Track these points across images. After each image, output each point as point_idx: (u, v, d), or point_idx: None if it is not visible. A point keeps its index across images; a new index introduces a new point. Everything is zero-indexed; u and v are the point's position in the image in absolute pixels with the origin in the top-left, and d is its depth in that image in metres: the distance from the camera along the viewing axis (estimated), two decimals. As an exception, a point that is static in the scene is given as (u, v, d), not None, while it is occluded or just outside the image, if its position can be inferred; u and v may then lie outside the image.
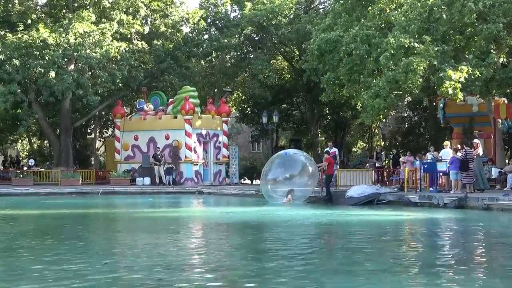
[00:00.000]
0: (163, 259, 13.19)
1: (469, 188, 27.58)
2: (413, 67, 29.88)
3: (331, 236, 18.42)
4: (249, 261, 13.09)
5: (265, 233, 19.10)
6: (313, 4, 50.59)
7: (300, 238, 17.94)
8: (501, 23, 30.87)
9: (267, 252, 14.97)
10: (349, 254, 15.14)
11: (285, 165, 30.37)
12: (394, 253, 15.12)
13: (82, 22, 39.21)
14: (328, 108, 49.13)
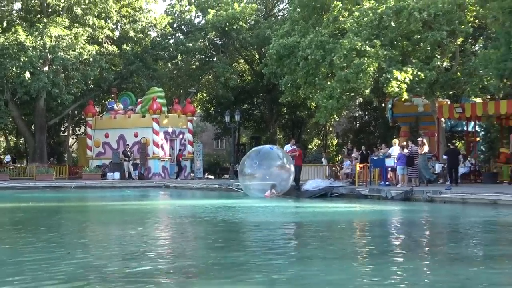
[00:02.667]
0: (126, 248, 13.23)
1: (415, 182, 28.10)
2: (364, 67, 30.24)
3: (287, 226, 18.55)
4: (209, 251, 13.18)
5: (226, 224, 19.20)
6: (273, 11, 50.81)
7: (258, 229, 18.08)
8: (445, 31, 31.37)
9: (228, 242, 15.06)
10: (304, 243, 15.32)
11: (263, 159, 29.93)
12: (346, 241, 15.35)
13: (57, 26, 39.18)
14: (286, 108, 49.41)
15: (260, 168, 29.57)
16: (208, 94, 52.15)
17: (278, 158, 30.27)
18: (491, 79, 31.00)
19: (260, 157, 29.86)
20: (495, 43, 29.93)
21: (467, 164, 33.13)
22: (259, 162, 29.51)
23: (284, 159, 30.05)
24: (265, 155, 30.12)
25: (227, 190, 33.88)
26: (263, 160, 29.65)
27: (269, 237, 15.56)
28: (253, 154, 30.59)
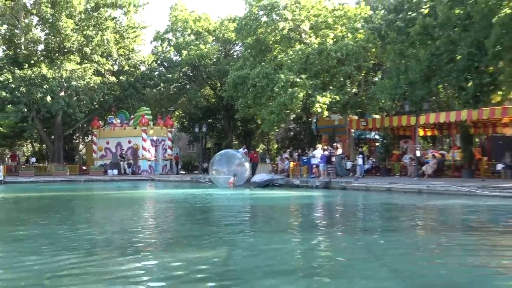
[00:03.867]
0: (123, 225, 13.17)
1: (332, 175, 28.42)
2: (296, 95, 30.61)
3: (241, 208, 18.61)
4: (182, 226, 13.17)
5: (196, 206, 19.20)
6: (230, 52, 50.77)
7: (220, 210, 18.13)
8: (353, 66, 31.89)
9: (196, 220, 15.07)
10: (254, 220, 15.38)
11: (229, 159, 30.74)
12: (283, 219, 15.45)
13: (71, 62, 39.11)
14: (239, 122, 49.48)
15: (227, 164, 30.28)
16: (182, 112, 51.91)
17: (238, 158, 30.96)
18: (386, 101, 31.54)
19: (228, 158, 30.93)
20: (389, 76, 30.48)
21: (369, 162, 33.67)
22: (227, 161, 30.52)
23: (242, 159, 30.98)
24: (230, 156, 31.32)
25: (196, 182, 33.98)
26: (229, 160, 30.62)
27: (228, 216, 15.62)
28: (221, 157, 31.32)
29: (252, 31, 39.55)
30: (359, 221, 14.20)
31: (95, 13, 41.83)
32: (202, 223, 13.71)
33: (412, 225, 13.13)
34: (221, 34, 48.65)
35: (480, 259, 8.34)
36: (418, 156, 28.97)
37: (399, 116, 31.90)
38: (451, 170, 29.64)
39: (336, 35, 36.78)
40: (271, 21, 38.53)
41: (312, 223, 13.67)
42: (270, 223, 13.75)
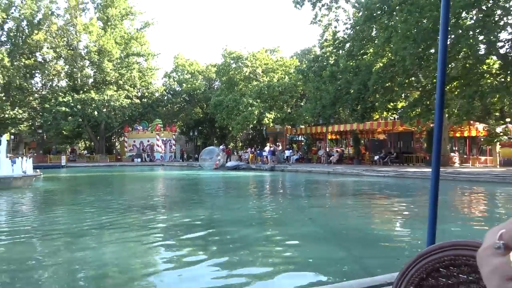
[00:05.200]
0: (142, 194, 12.95)
1: (275, 163, 28.39)
2: (253, 112, 30.57)
3: (220, 182, 18.53)
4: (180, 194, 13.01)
5: (190, 181, 19.02)
6: (212, 85, 50.33)
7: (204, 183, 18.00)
8: (288, 95, 32.05)
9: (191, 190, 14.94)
10: (228, 190, 15.32)
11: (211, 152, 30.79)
12: (247, 188, 15.46)
13: (110, 90, 38.13)
14: (218, 129, 48.98)
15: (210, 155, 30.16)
16: (182, 122, 51.17)
17: (218, 152, 30.88)
18: (308, 117, 31.93)
19: (210, 151, 30.88)
20: (309, 101, 30.89)
21: (298, 154, 33.94)
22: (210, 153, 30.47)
23: (220, 152, 30.96)
24: (212, 150, 31.16)
25: (191, 167, 33.42)
26: (211, 152, 30.54)
27: (209, 187, 15.54)
28: (206, 150, 31.38)
29: (226, 73, 39.48)
30: (292, 190, 14.34)
31: (126, 59, 41.00)
32: (193, 191, 13.64)
33: (324, 193, 13.36)
34: (207, 74, 48.26)
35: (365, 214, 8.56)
36: (327, 150, 29.45)
37: (316, 126, 32.33)
38: (347, 159, 30.23)
39: (278, 76, 37.07)
40: (238, 66, 38.56)
41: (262, 191, 13.74)
42: (237, 191, 13.77)
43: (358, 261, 4.57)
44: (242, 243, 5.44)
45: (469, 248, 0.84)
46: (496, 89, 20.26)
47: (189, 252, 5.05)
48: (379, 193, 12.67)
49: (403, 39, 19.45)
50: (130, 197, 11.58)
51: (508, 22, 18.95)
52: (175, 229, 6.57)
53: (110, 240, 5.77)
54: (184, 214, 8.09)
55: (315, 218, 7.69)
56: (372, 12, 23.36)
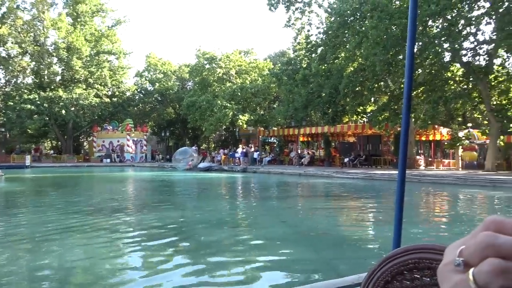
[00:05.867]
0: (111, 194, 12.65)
1: (247, 164, 28.38)
2: (227, 114, 30.49)
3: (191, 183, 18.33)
4: (149, 196, 12.80)
5: (161, 182, 18.72)
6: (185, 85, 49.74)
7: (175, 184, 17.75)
8: (261, 97, 32.16)
9: (160, 192, 14.71)
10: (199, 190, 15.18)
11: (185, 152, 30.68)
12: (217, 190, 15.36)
13: (79, 88, 36.93)
14: (190, 130, 48.46)
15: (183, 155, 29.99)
16: (154, 122, 50.30)
17: (191, 152, 30.66)
18: (281, 120, 32.14)
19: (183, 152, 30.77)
20: (282, 104, 31.10)
21: (270, 156, 34.05)
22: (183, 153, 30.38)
23: (194, 153, 30.81)
24: (185, 151, 31.05)
25: (162, 168, 32.85)
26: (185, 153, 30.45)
27: (180, 189, 15.35)
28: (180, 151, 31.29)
29: (199, 73, 39.16)
30: (263, 191, 14.36)
31: (96, 57, 39.89)
32: (164, 193, 13.40)
33: (296, 194, 13.47)
34: (180, 74, 47.67)
35: (335, 216, 8.68)
36: (299, 152, 29.75)
37: (288, 128, 32.57)
38: (318, 161, 30.58)
39: (251, 78, 37.16)
40: (212, 67, 38.36)
41: (234, 193, 13.70)
42: (208, 193, 13.65)
43: (328, 262, 4.63)
44: (213, 246, 5.38)
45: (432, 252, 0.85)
46: (459, 95, 21.15)
47: (159, 255, 4.95)
48: (348, 195, 12.90)
49: (374, 45, 19.96)
50: (98, 199, 11.24)
51: (471, 32, 19.84)
52: (144, 232, 6.42)
53: (75, 244, 5.56)
54: (154, 216, 7.93)
55: (287, 220, 7.73)
56: (345, 18, 23.83)
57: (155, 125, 50.49)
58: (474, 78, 20.44)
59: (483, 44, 20.12)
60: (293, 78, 28.15)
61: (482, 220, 0.29)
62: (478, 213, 9.23)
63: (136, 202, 10.61)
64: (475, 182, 15.52)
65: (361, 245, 5.56)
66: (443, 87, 21.38)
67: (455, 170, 24.41)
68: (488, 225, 0.32)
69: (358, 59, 23.76)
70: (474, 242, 0.30)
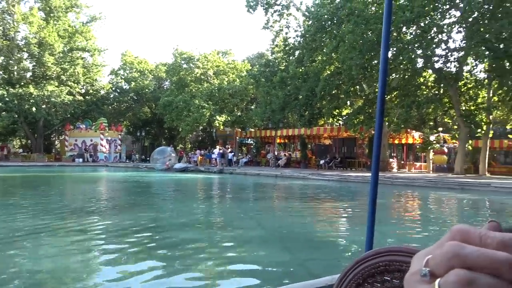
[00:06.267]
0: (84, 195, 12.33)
1: (224, 165, 28.29)
2: (204, 114, 30.31)
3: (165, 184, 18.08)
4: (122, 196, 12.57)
5: (135, 183, 18.38)
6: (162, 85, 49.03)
7: (150, 186, 17.49)
8: (239, 98, 32.14)
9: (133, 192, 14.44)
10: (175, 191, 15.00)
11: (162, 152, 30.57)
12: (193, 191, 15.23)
13: (51, 85, 35.74)
14: (167, 130, 47.81)
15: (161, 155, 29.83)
16: (129, 122, 49.33)
17: (169, 152, 30.44)
18: (258, 121, 32.22)
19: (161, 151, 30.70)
20: (260, 105, 31.18)
21: (247, 157, 34.09)
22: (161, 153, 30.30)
23: (171, 153, 30.58)
24: (163, 150, 31.00)
25: (137, 168, 32.27)
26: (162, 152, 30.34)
27: (156, 190, 15.12)
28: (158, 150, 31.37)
29: (176, 73, 38.77)
30: (239, 193, 14.33)
31: (69, 53, 38.79)
32: (138, 194, 13.15)
33: (271, 196, 13.50)
34: (157, 73, 46.99)
35: (310, 217, 8.75)
36: (275, 154, 29.90)
37: (265, 130, 32.69)
38: (295, 163, 30.83)
39: (229, 79, 37.08)
40: (189, 67, 38.08)
41: (210, 194, 13.61)
42: (184, 194, 13.50)
43: (302, 263, 4.65)
44: (187, 247, 5.32)
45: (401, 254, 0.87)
46: (430, 101, 21.81)
47: (131, 257, 4.84)
48: (323, 197, 13.06)
49: (350, 49, 20.32)
50: (68, 200, 10.91)
51: (442, 39, 20.52)
52: (116, 234, 6.27)
53: (43, 247, 5.37)
54: (127, 218, 7.76)
55: (262, 221, 7.73)
56: (322, 22, 24.15)
57: (130, 125, 49.57)
58: (445, 84, 21.14)
59: (453, 51, 20.85)
60: (271, 80, 28.28)
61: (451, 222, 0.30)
62: (447, 215, 9.53)
63: (109, 203, 10.36)
64: (445, 185, 16.03)
65: (335, 246, 5.63)
66: (415, 92, 22.00)
67: (426, 173, 25.14)
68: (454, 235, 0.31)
69: (335, 62, 24.12)
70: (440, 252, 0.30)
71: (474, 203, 11.69)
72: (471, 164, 25.10)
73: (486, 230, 0.31)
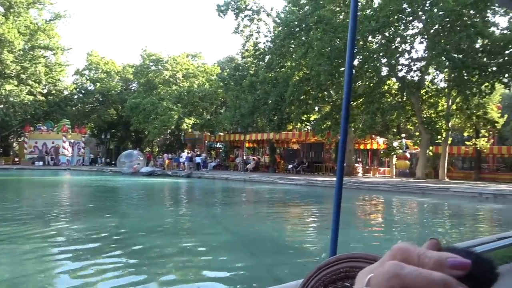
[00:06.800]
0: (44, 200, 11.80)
1: (192, 170, 27.94)
2: (172, 117, 29.91)
3: (131, 189, 17.61)
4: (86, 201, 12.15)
5: (98, 187, 17.78)
6: (129, 86, 47.88)
7: (115, 190, 17.01)
8: (208, 102, 31.93)
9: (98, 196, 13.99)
10: (138, 197, 14.64)
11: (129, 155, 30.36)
12: (160, 196, 14.90)
13: (9, 84, 34.02)
14: (133, 132, 46.69)
15: (128, 158, 29.54)
16: (93, 124, 47.75)
17: (136, 156, 30.16)
18: (227, 125, 32.11)
19: (128, 154, 30.46)
20: (229, 109, 31.10)
21: (216, 161, 33.82)
22: (128, 156, 30.09)
23: (139, 156, 30.42)
24: (130, 154, 30.72)
25: (101, 172, 31.23)
26: (130, 156, 30.10)
27: (121, 194, 14.72)
28: (125, 153, 31.03)
29: (144, 75, 38.11)
30: (207, 197, 14.20)
31: (31, 51, 37.15)
32: (101, 199, 12.73)
33: (239, 200, 13.47)
34: (124, 75, 45.85)
35: (277, 222, 8.77)
36: (244, 158, 29.91)
37: (234, 134, 32.61)
38: (263, 167, 30.89)
39: (199, 82, 36.83)
40: (158, 69, 37.52)
41: (177, 199, 13.41)
42: (150, 199, 13.22)
43: (268, 268, 4.66)
44: (153, 254, 5.19)
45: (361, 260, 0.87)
46: (394, 108, 22.59)
47: (94, 265, 4.66)
48: (291, 201, 13.18)
49: (318, 56, 20.72)
50: (27, 206, 10.39)
51: (406, 49, 21.35)
52: (78, 241, 6.03)
53: (1, 254, 5.07)
54: (90, 224, 7.49)
55: (229, 227, 7.68)
56: (291, 29, 24.50)
57: (94, 127, 48.07)
58: (408, 92, 21.98)
59: (416, 61, 21.74)
60: (241, 84, 28.32)
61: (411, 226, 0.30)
62: (409, 219, 9.87)
63: (71, 209, 9.96)
64: (407, 189, 16.61)
65: (301, 251, 5.68)
66: (380, 99, 22.72)
67: (390, 177, 25.95)
68: (395, 253, 0.32)
69: (304, 68, 24.50)
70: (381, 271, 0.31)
71: (433, 207, 12.17)
72: (431, 169, 26.16)
73: (425, 249, 0.32)
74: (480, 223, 9.12)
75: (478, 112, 22.83)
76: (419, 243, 0.26)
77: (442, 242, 0.31)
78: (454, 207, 12.24)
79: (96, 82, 43.94)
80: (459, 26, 18.54)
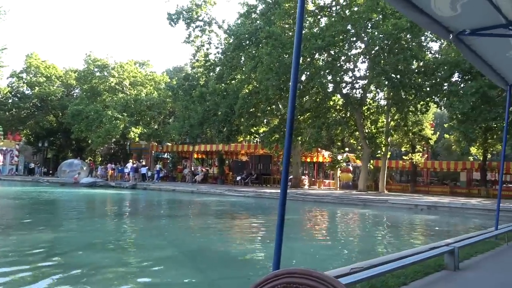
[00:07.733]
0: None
1: (137, 181, 27.00)
2: (117, 125, 28.89)
3: (70, 201, 16.60)
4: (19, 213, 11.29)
5: (34, 199, 16.55)
6: (71, 92, 45.40)
7: (51, 201, 15.96)
8: (156, 111, 31.20)
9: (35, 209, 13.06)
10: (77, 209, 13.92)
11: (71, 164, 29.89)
12: (100, 209, 14.22)
13: None
14: (74, 141, 44.17)
15: (70, 168, 29.03)
16: (30, 130, 44.55)
17: (79, 165, 29.66)
18: (175, 135, 31.51)
19: (70, 164, 29.96)
20: (178, 119, 30.66)
21: (163, 172, 32.95)
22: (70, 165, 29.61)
23: (83, 166, 30.19)
24: (71, 163, 30.28)
25: (37, 182, 29.05)
26: (71, 165, 29.61)
27: (59, 207, 13.80)
28: (67, 162, 30.65)
29: (88, 81, 36.48)
30: (152, 210, 13.81)
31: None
32: (36, 212, 11.85)
33: (186, 213, 13.22)
34: (66, 80, 43.44)
35: (223, 234, 8.73)
36: (192, 169, 29.47)
37: (182, 145, 32.13)
38: (212, 178, 30.67)
39: (147, 91, 35.93)
40: (103, 76, 36.09)
41: (120, 211, 12.86)
42: (90, 212, 12.56)
43: (213, 282, 4.60)
44: (92, 270, 4.91)
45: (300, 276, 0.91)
46: (338, 123, 23.61)
47: (26, 285, 4.30)
48: (238, 213, 13.18)
49: (267, 70, 21.17)
50: None
51: (350, 68, 22.50)
52: (9, 256, 5.54)
53: None
54: (21, 239, 6.93)
55: (174, 240, 7.50)
56: (241, 41, 24.84)
57: (31, 134, 44.94)
58: (351, 108, 23.10)
59: (359, 79, 22.98)
60: (190, 94, 28.07)
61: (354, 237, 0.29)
62: (350, 230, 10.27)
63: (4, 223, 9.15)
64: (350, 201, 17.32)
65: (247, 264, 5.68)
66: (326, 114, 23.64)
67: (334, 189, 26.92)
68: None
69: (253, 82, 24.87)
70: None
71: (373, 217, 12.80)
72: (372, 182, 27.54)
73: None
74: (415, 233, 9.72)
75: (414, 129, 24.54)
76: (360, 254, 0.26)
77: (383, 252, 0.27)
78: (392, 218, 12.95)
79: (34, 86, 41.22)
80: (397, 49, 19.94)
